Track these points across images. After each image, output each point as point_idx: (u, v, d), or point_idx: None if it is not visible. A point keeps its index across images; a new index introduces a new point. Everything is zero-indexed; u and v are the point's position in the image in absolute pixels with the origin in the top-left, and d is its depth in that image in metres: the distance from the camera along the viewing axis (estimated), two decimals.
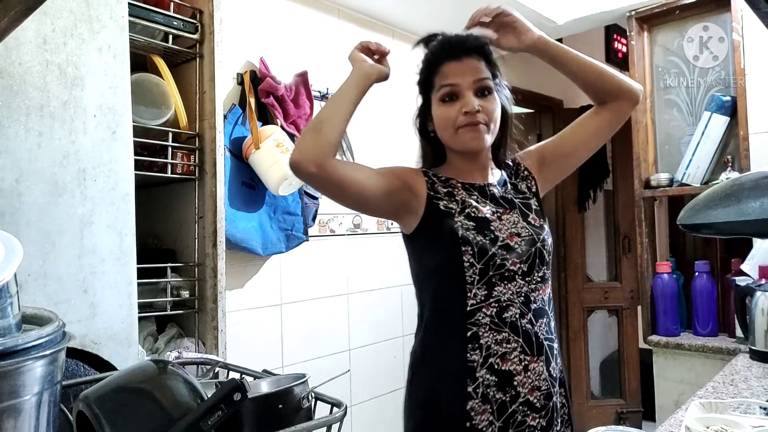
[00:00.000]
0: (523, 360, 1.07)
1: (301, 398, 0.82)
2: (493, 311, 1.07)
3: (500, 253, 1.08)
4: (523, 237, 1.11)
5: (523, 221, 1.14)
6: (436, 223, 1.10)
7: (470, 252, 1.07)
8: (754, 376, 1.53)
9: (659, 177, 2.27)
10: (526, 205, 1.18)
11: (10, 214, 0.99)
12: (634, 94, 1.20)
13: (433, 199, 1.12)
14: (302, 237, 1.92)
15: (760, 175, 1.04)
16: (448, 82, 1.10)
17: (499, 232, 1.10)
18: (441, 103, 1.12)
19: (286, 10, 2.03)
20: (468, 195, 1.14)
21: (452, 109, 1.10)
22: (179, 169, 1.48)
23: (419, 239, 1.13)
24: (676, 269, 2.33)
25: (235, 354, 1.63)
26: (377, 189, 1.08)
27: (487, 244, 1.08)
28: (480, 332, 1.06)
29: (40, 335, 0.66)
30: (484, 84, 1.10)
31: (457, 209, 1.11)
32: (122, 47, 1.17)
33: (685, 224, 1.11)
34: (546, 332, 1.11)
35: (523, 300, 1.09)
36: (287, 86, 1.91)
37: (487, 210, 1.12)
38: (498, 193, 1.17)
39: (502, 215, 1.13)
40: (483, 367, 1.06)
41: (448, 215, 1.10)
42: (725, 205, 1.03)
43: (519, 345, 1.07)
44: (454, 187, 1.15)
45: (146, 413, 0.69)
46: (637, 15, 2.33)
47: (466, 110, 1.08)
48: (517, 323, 1.07)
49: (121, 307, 1.13)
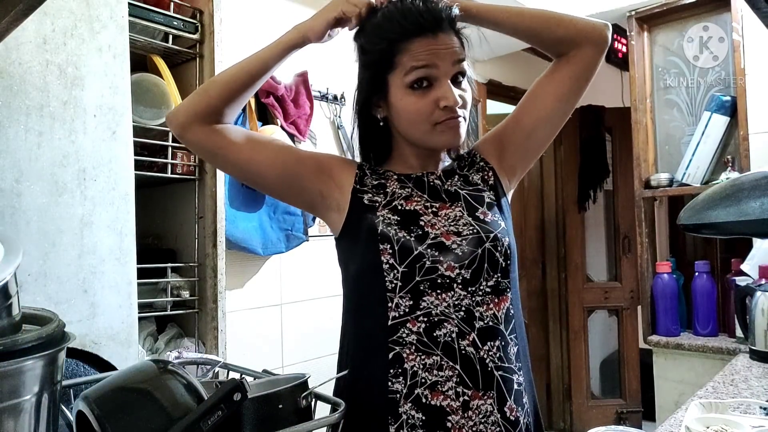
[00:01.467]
0: (461, 394, 0.84)
1: (301, 398, 0.81)
2: (421, 327, 0.85)
3: (429, 253, 0.86)
4: (465, 236, 0.89)
5: (467, 217, 0.91)
6: (358, 219, 0.92)
7: (389, 251, 0.86)
8: (754, 376, 1.53)
9: (659, 177, 2.27)
10: (476, 197, 0.95)
11: (10, 214, 0.98)
12: (598, 34, 0.94)
13: (358, 193, 0.94)
14: (302, 237, 1.92)
15: (760, 175, 1.04)
16: (421, 64, 0.86)
17: (430, 228, 0.89)
18: (410, 90, 0.88)
19: (286, 10, 2.03)
20: (400, 186, 0.95)
21: (426, 99, 0.88)
22: (179, 169, 1.48)
23: (344, 241, 0.96)
24: (676, 269, 2.33)
25: (235, 354, 1.63)
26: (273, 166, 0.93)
27: (411, 241, 0.87)
28: (404, 353, 0.85)
29: (40, 335, 0.66)
30: (462, 68, 0.90)
31: (382, 202, 0.92)
32: (122, 47, 1.17)
33: (685, 224, 1.11)
34: (498, 359, 0.86)
35: (464, 316, 0.86)
36: (287, 86, 1.91)
37: (419, 202, 0.92)
38: (441, 185, 0.96)
39: (439, 210, 0.92)
40: (407, 401, 0.84)
41: (371, 209, 0.91)
42: (725, 205, 1.03)
43: (455, 374, 0.84)
44: (388, 178, 0.96)
45: (146, 413, 0.69)
46: (637, 15, 2.33)
47: (446, 104, 0.87)
48: (453, 345, 0.85)
49: (121, 307, 1.13)
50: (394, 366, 0.85)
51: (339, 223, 0.95)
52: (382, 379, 0.86)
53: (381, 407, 0.85)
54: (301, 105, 1.96)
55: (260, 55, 0.96)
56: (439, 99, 0.88)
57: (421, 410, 0.84)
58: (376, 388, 0.86)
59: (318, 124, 2.10)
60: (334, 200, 0.95)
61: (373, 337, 0.88)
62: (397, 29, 0.87)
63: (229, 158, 0.95)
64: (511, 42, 1.14)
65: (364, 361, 0.90)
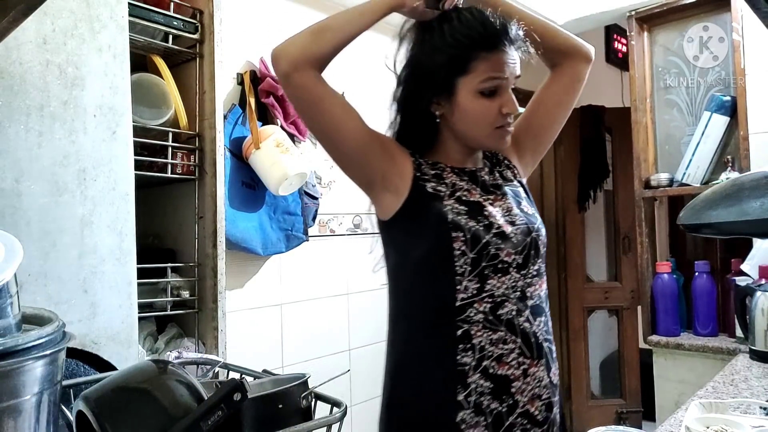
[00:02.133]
0: (522, 363, 0.95)
1: (301, 398, 0.82)
2: (487, 307, 0.95)
3: (494, 241, 0.96)
4: (518, 226, 1.00)
5: (516, 209, 1.03)
6: (422, 206, 0.97)
7: (462, 239, 0.94)
8: (754, 376, 1.53)
9: (659, 177, 2.27)
10: (516, 192, 1.08)
11: (10, 214, 0.99)
12: (585, 51, 1.12)
13: (420, 180, 0.99)
14: (302, 237, 1.92)
15: (760, 175, 1.04)
16: (497, 75, 0.96)
17: (493, 219, 0.98)
18: (479, 95, 0.98)
19: (286, 10, 2.03)
20: (458, 179, 1.03)
21: (493, 105, 0.98)
22: (179, 169, 1.48)
23: (400, 225, 1.00)
24: (676, 269, 2.33)
25: (235, 354, 1.62)
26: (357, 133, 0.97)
27: (480, 231, 0.95)
28: (472, 331, 0.94)
29: (40, 335, 0.66)
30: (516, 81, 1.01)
31: (446, 192, 0.99)
32: (122, 47, 1.17)
33: (685, 224, 1.11)
34: (545, 332, 1.00)
35: (519, 295, 0.97)
36: None
37: (478, 194, 1.02)
38: (489, 181, 1.06)
39: (494, 202, 1.02)
40: (476, 372, 0.93)
41: (437, 198, 0.98)
42: (725, 205, 1.03)
43: (517, 346, 0.95)
44: (443, 170, 1.03)
45: (146, 413, 0.69)
46: (637, 15, 2.33)
47: (508, 111, 0.98)
48: (514, 321, 0.96)
49: (121, 307, 1.13)
50: (463, 341, 0.94)
51: (394, 207, 0.99)
52: (451, 353, 0.94)
53: (450, 378, 0.94)
54: None
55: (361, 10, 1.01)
56: (503, 106, 0.98)
57: (489, 379, 0.93)
58: (445, 361, 0.94)
59: None
60: (393, 184, 0.99)
61: (440, 316, 0.96)
62: (477, 38, 0.96)
63: (324, 113, 0.97)
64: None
65: (430, 338, 0.98)
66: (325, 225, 2.14)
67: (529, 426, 0.95)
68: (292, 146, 1.79)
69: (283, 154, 1.72)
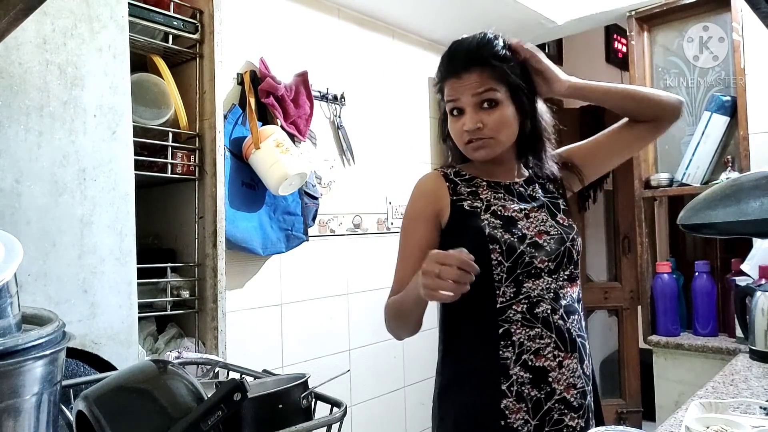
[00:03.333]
0: (557, 356, 1.06)
1: (301, 398, 0.81)
2: (524, 307, 1.06)
3: (528, 250, 1.07)
4: (552, 235, 1.11)
5: (551, 220, 1.13)
6: (462, 223, 1.11)
7: (498, 250, 1.06)
8: (754, 376, 1.53)
9: (659, 177, 2.27)
10: (554, 204, 1.18)
11: (10, 214, 0.98)
12: (676, 110, 1.21)
13: (457, 203, 1.13)
14: (302, 237, 1.92)
15: (760, 175, 1.04)
16: (450, 98, 1.12)
17: (526, 230, 1.09)
18: (451, 116, 1.14)
19: (286, 10, 2.03)
20: (494, 193, 1.14)
21: (458, 123, 1.12)
22: (179, 169, 1.48)
23: (443, 241, 1.13)
24: (676, 269, 2.33)
25: (235, 354, 1.62)
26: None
27: (515, 242, 1.07)
28: (512, 329, 1.06)
29: (40, 335, 0.66)
30: (484, 97, 1.09)
31: (482, 207, 1.11)
32: (122, 47, 1.17)
33: (685, 224, 1.10)
34: (578, 329, 1.10)
35: (553, 296, 1.08)
36: (287, 86, 1.91)
37: (514, 207, 1.12)
38: (525, 192, 1.17)
39: (530, 213, 1.13)
40: (516, 365, 1.05)
41: (474, 214, 1.10)
42: (725, 205, 1.03)
43: (552, 341, 1.06)
44: (479, 186, 1.15)
45: (146, 413, 0.69)
46: (637, 15, 2.33)
47: (465, 129, 1.10)
48: (549, 319, 1.06)
49: (121, 307, 1.13)
50: (504, 338, 1.06)
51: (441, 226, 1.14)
52: (494, 348, 1.06)
53: (494, 370, 1.05)
54: (301, 105, 1.96)
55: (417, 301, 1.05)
56: (462, 125, 1.11)
57: (528, 371, 1.05)
58: (490, 355, 1.06)
59: (318, 124, 2.10)
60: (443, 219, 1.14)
61: (483, 317, 1.08)
62: (439, 74, 1.15)
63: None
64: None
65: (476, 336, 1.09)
66: (325, 225, 2.14)
67: (566, 411, 1.05)
68: (292, 146, 1.80)
69: (283, 154, 1.72)
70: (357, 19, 2.29)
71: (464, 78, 1.09)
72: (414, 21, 2.40)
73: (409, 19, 2.39)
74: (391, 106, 2.39)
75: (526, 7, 2.25)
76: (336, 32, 2.20)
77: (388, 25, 2.43)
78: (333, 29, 2.19)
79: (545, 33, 2.61)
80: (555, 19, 2.44)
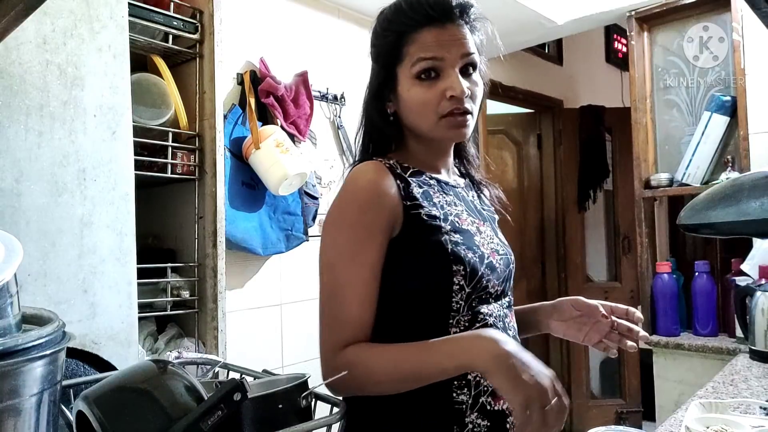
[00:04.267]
0: None
1: (301, 398, 0.81)
2: None
3: (486, 273, 0.87)
4: (501, 255, 0.93)
5: (496, 237, 0.96)
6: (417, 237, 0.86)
7: (462, 272, 0.85)
8: (754, 376, 1.53)
9: (659, 177, 2.27)
10: (493, 219, 1.01)
11: (10, 214, 0.98)
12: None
13: (412, 210, 0.86)
14: (302, 237, 1.92)
15: (760, 175, 1.04)
16: (429, 55, 0.85)
17: (482, 248, 0.89)
18: (416, 80, 0.87)
19: (286, 10, 2.04)
20: (444, 196, 0.92)
21: (433, 90, 0.86)
22: (179, 169, 1.48)
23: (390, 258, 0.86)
24: (676, 269, 2.34)
25: (235, 354, 1.63)
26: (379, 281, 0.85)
27: (477, 263, 0.86)
28: None
29: (40, 335, 0.66)
30: (471, 60, 0.88)
31: (440, 217, 0.87)
32: (122, 47, 1.17)
33: (685, 224, 1.10)
34: None
35: (503, 326, 0.90)
36: (287, 86, 1.91)
37: (466, 219, 0.92)
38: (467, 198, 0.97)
39: (480, 227, 0.93)
40: (473, 410, 0.84)
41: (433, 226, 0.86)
42: (725, 205, 1.03)
43: None
44: (428, 184, 0.91)
45: (146, 413, 0.69)
46: (637, 15, 2.33)
47: (452, 94, 0.85)
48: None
49: (121, 307, 1.13)
50: (458, 378, 0.84)
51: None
52: (446, 391, 0.84)
53: (447, 418, 0.84)
54: (301, 105, 1.96)
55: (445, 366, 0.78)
56: (446, 89, 0.86)
57: (486, 417, 0.85)
58: (441, 400, 0.84)
59: (318, 124, 2.10)
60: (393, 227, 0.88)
61: None
62: (404, 20, 0.87)
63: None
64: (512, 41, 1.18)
65: None
66: None
67: None
68: (292, 146, 1.80)
69: (283, 154, 1.73)
70: (357, 19, 2.29)
71: (449, 29, 0.86)
72: None
73: None
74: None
75: (526, 7, 2.25)
76: (336, 32, 2.20)
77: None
78: (333, 29, 2.19)
79: (545, 33, 2.61)
80: (555, 19, 2.44)
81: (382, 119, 0.94)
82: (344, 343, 0.82)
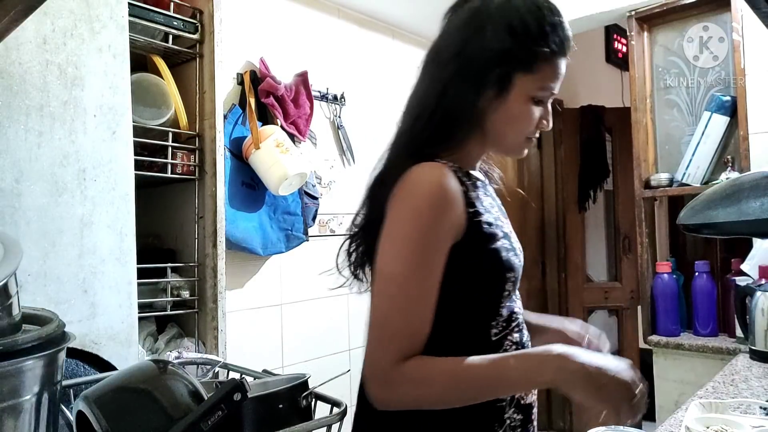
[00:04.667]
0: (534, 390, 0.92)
1: (301, 398, 0.81)
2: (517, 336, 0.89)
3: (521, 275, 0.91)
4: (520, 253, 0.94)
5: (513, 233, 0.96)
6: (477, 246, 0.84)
7: (512, 279, 0.86)
8: (754, 376, 1.53)
9: (659, 177, 2.27)
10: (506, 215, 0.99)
11: (10, 214, 0.98)
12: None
13: (474, 217, 0.83)
14: (302, 237, 1.92)
15: (760, 175, 1.04)
16: (553, 86, 0.89)
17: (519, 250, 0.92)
18: (530, 100, 0.87)
19: (286, 10, 2.03)
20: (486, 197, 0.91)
21: (537, 114, 0.89)
22: (179, 169, 1.48)
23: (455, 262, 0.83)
24: (676, 269, 2.33)
25: (235, 354, 1.63)
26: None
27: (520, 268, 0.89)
28: None
29: (40, 335, 0.66)
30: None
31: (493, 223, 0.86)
32: (122, 47, 1.17)
33: (685, 224, 1.10)
34: None
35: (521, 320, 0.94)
36: (287, 86, 1.91)
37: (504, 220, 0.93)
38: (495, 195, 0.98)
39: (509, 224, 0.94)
40: (511, 406, 0.86)
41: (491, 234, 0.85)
42: (725, 205, 1.03)
43: None
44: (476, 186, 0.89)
45: (146, 413, 0.69)
46: (637, 15, 2.33)
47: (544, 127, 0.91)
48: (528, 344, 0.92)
49: (121, 307, 1.13)
50: None
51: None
52: None
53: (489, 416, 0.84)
54: (301, 105, 1.96)
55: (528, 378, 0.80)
56: (544, 119, 0.91)
57: (520, 411, 0.87)
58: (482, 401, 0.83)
59: (318, 124, 2.10)
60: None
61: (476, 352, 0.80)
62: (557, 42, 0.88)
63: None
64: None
65: None
66: (325, 225, 2.13)
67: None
68: (292, 146, 1.80)
69: (283, 154, 1.73)
70: (357, 19, 2.29)
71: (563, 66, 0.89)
72: (414, 21, 2.40)
73: (409, 19, 2.39)
74: (391, 106, 2.38)
75: None
76: (336, 32, 2.20)
77: (388, 25, 2.43)
78: (333, 29, 2.19)
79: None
80: None
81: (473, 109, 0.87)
82: (404, 356, 0.77)
